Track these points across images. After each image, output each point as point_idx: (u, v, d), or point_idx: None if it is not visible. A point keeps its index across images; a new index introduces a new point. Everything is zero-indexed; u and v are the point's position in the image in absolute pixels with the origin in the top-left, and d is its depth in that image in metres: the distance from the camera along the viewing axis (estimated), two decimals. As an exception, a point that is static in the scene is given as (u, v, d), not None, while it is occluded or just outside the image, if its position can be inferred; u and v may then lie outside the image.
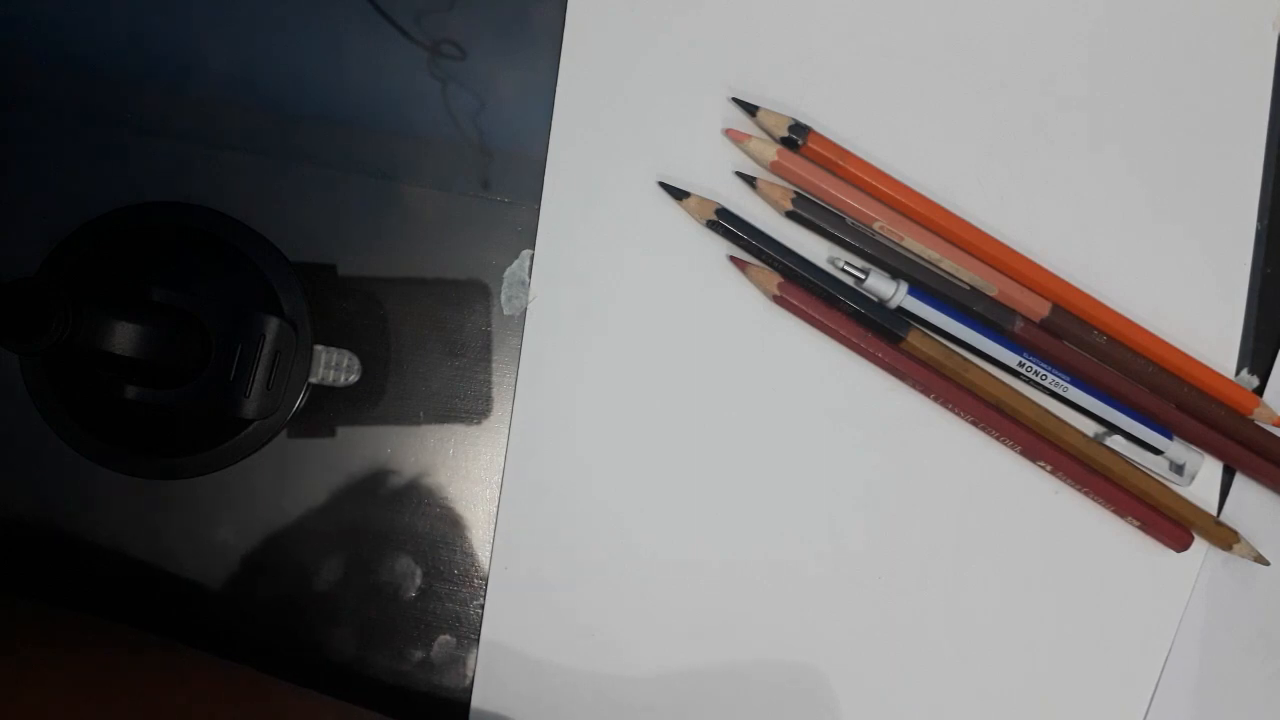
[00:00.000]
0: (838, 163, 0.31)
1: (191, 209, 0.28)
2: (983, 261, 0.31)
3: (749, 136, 0.31)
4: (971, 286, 0.31)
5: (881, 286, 0.31)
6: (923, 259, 0.31)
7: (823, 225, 0.31)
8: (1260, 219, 0.33)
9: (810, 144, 0.31)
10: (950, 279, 0.31)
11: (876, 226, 0.31)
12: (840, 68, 0.32)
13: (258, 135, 0.31)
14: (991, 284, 0.31)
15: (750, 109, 0.31)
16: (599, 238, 0.31)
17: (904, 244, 0.31)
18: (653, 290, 0.31)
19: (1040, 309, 0.31)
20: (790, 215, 0.31)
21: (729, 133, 0.31)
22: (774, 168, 0.31)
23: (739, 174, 0.31)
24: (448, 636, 0.31)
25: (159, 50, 0.31)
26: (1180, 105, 0.33)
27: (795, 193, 0.31)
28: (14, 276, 0.23)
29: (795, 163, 0.31)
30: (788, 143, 0.31)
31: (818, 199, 0.31)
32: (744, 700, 0.32)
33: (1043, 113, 0.33)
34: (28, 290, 0.23)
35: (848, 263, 0.31)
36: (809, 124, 0.31)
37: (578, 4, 0.32)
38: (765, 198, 0.31)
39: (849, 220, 0.31)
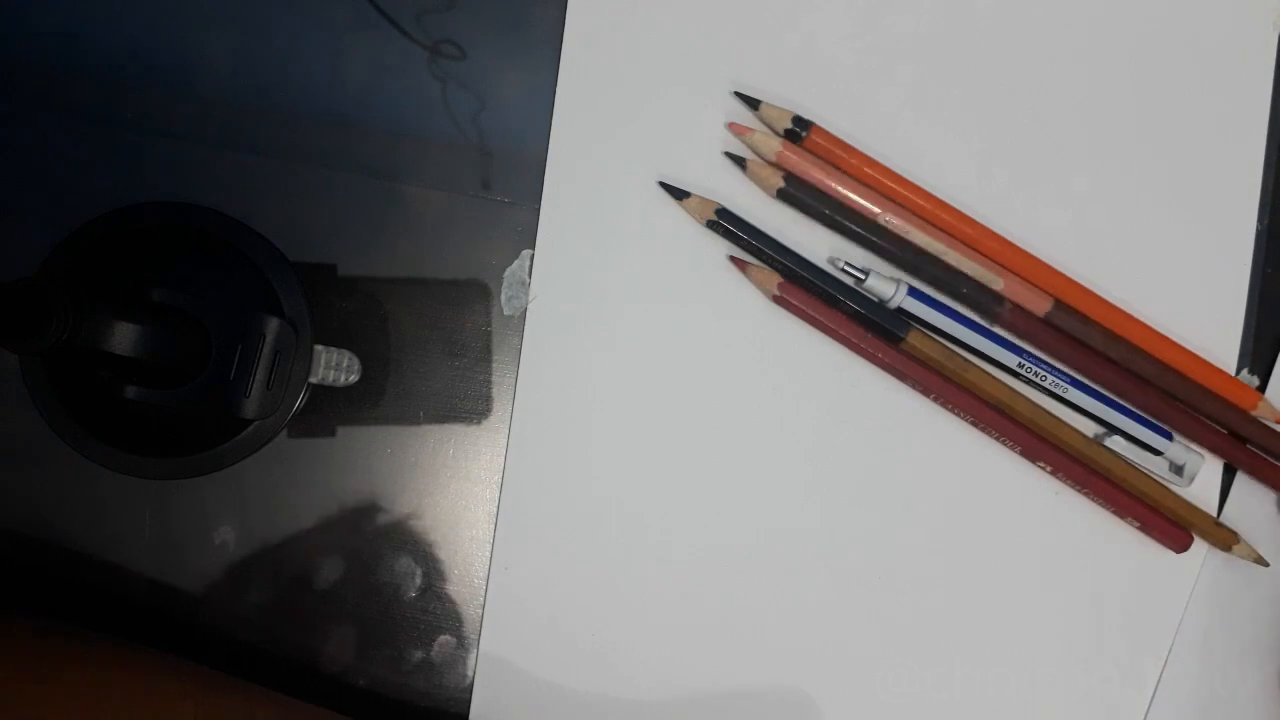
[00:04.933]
0: (841, 156, 0.31)
1: (192, 209, 0.28)
2: (986, 256, 0.31)
3: (751, 130, 0.31)
4: (976, 280, 0.31)
5: (881, 287, 0.31)
6: (927, 250, 0.31)
7: (817, 207, 0.31)
8: (1260, 219, 0.33)
9: (813, 138, 0.30)
10: (955, 271, 0.31)
11: (882, 221, 0.31)
12: (840, 68, 0.32)
13: (258, 135, 0.31)
14: (997, 278, 0.31)
15: (753, 103, 0.31)
16: (599, 238, 0.31)
17: (909, 237, 0.31)
18: (653, 290, 0.31)
19: (1043, 304, 0.31)
20: (781, 195, 0.31)
21: (731, 126, 0.31)
22: (780, 159, 0.31)
23: (728, 154, 0.31)
24: (448, 636, 0.31)
25: (159, 50, 0.31)
26: (1180, 105, 0.33)
27: (786, 173, 0.31)
28: (14, 276, 0.23)
29: (800, 155, 0.30)
30: (791, 136, 0.31)
31: (821, 190, 0.31)
32: (744, 696, 0.32)
33: (1043, 112, 0.33)
34: (28, 290, 0.23)
35: (848, 263, 0.31)
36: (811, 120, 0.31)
37: (578, 4, 0.32)
38: (755, 179, 0.31)
39: (842, 202, 0.31)
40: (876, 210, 0.31)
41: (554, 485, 0.31)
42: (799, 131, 0.30)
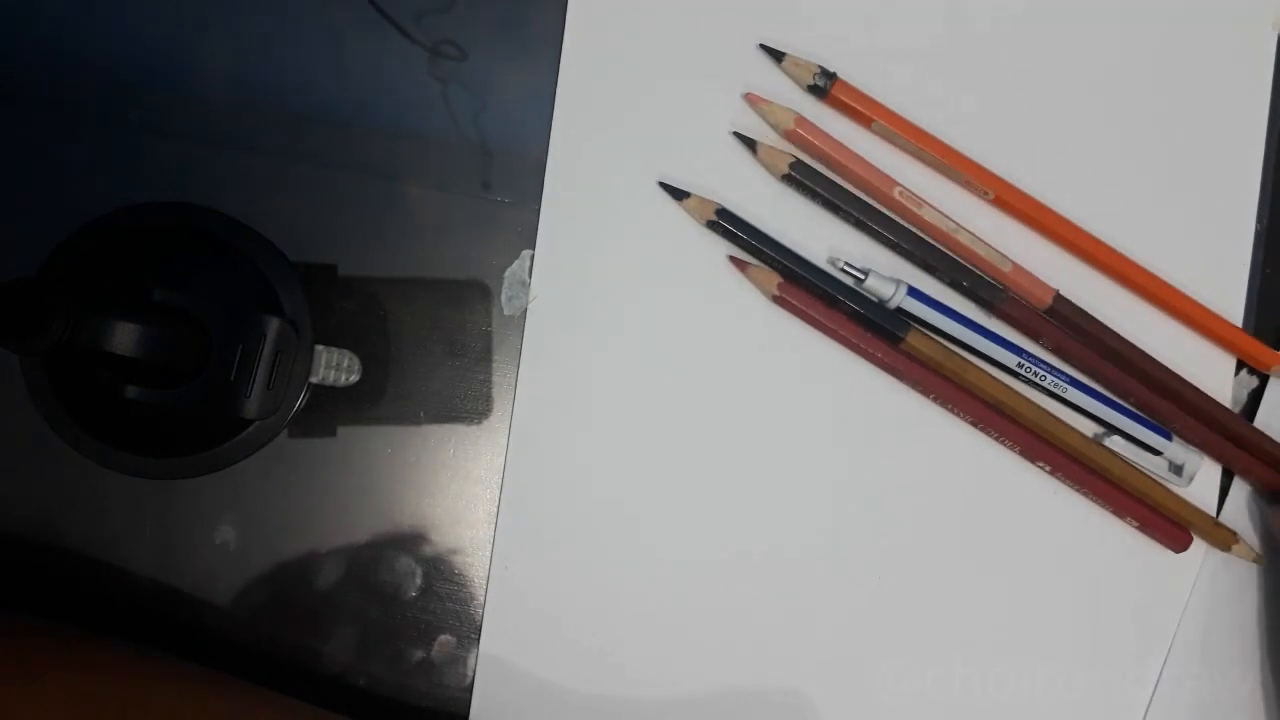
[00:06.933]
0: (864, 113, 0.31)
1: (192, 209, 0.28)
2: (1013, 218, 0.31)
3: (768, 101, 0.31)
4: (983, 263, 0.31)
5: (881, 287, 0.31)
6: (938, 229, 0.31)
7: (822, 192, 0.31)
8: (1260, 219, 0.33)
9: (836, 92, 0.31)
10: (960, 259, 0.31)
11: (896, 193, 0.31)
12: (843, 67, 0.32)
13: (258, 135, 0.31)
14: (1005, 259, 0.31)
15: (777, 55, 0.31)
16: (599, 238, 0.31)
17: (921, 212, 0.31)
18: (653, 290, 0.32)
19: (1045, 295, 0.31)
20: (786, 179, 0.31)
21: (749, 96, 0.31)
22: (790, 136, 0.31)
23: (736, 134, 0.31)
24: (448, 636, 0.31)
25: (159, 50, 0.31)
26: (1180, 105, 0.33)
27: (795, 158, 0.31)
28: (14, 276, 0.23)
29: (812, 132, 0.31)
30: (815, 90, 0.31)
31: (833, 171, 0.31)
32: (744, 696, 0.32)
33: (1043, 112, 0.33)
34: (28, 290, 0.23)
35: (847, 263, 0.31)
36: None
37: (578, 4, 0.32)
38: (764, 161, 0.31)
39: (848, 187, 0.31)
40: (889, 183, 0.31)
41: (554, 485, 0.31)
42: (822, 86, 0.31)
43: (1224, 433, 0.32)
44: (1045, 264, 0.32)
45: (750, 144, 0.31)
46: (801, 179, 0.31)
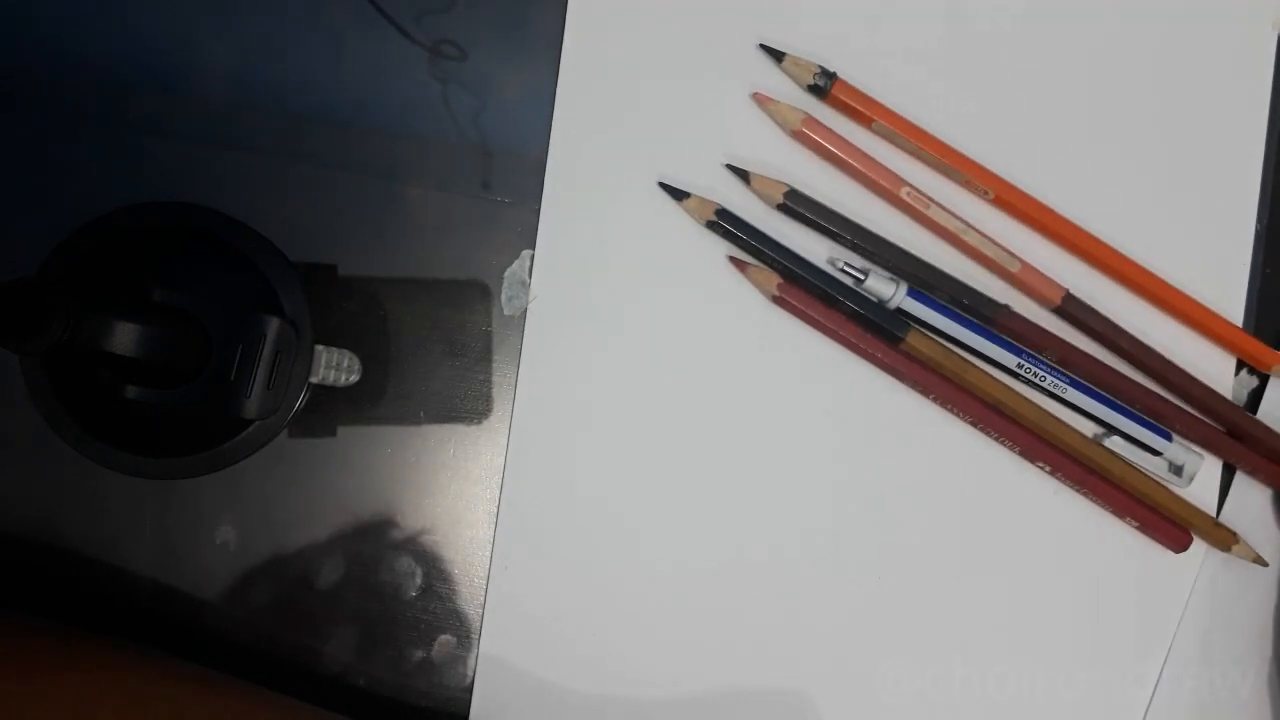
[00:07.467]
0: (864, 113, 0.31)
1: (192, 209, 0.28)
2: (1013, 218, 0.31)
3: (775, 101, 0.31)
4: (994, 260, 0.31)
5: (881, 287, 0.31)
6: (946, 230, 0.31)
7: (816, 220, 0.31)
8: (1259, 219, 0.33)
9: (836, 92, 0.31)
10: (970, 255, 0.31)
11: (903, 194, 0.31)
12: (842, 68, 0.32)
13: (258, 135, 0.31)
14: (1014, 259, 0.31)
15: (778, 55, 0.31)
16: (599, 238, 0.31)
17: (929, 212, 0.31)
18: (653, 290, 0.32)
19: (1055, 294, 0.31)
20: (781, 208, 0.31)
21: (756, 96, 0.31)
22: (798, 135, 0.31)
23: (729, 166, 0.31)
24: (448, 636, 0.31)
25: (160, 50, 0.31)
26: (1179, 105, 0.33)
27: (788, 188, 0.31)
28: (14, 276, 0.23)
29: (819, 132, 0.31)
30: (815, 90, 0.31)
31: (839, 171, 0.31)
32: (744, 696, 0.32)
33: (1042, 112, 0.33)
34: (28, 290, 0.23)
35: (847, 263, 0.31)
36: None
37: (578, 4, 0.32)
38: (758, 193, 0.31)
39: (843, 215, 0.31)
40: (897, 183, 0.31)
41: (554, 485, 0.31)
42: (822, 86, 0.31)
43: (1234, 431, 0.32)
44: (1045, 264, 0.32)
45: (743, 175, 0.31)
46: (797, 208, 0.31)
